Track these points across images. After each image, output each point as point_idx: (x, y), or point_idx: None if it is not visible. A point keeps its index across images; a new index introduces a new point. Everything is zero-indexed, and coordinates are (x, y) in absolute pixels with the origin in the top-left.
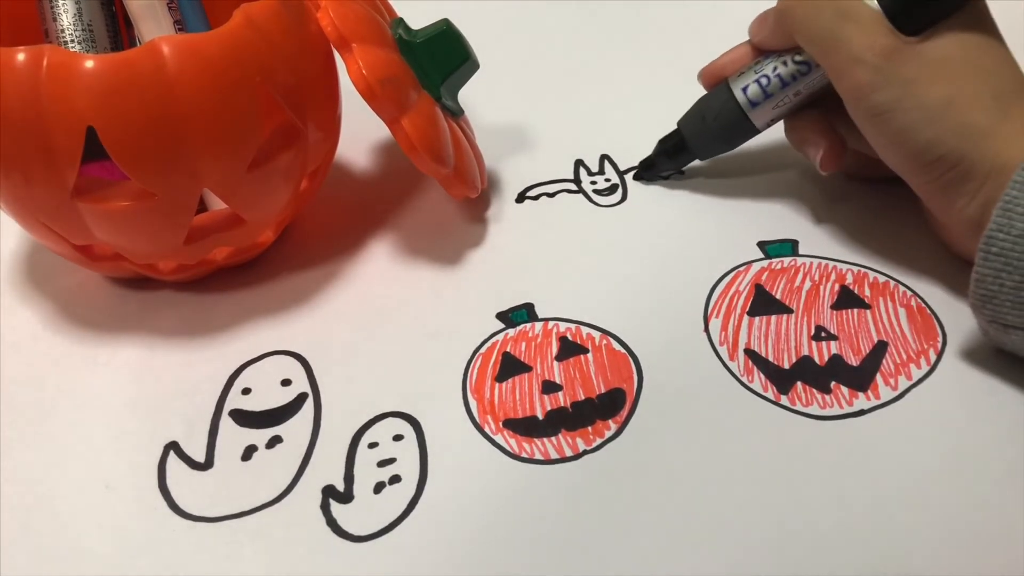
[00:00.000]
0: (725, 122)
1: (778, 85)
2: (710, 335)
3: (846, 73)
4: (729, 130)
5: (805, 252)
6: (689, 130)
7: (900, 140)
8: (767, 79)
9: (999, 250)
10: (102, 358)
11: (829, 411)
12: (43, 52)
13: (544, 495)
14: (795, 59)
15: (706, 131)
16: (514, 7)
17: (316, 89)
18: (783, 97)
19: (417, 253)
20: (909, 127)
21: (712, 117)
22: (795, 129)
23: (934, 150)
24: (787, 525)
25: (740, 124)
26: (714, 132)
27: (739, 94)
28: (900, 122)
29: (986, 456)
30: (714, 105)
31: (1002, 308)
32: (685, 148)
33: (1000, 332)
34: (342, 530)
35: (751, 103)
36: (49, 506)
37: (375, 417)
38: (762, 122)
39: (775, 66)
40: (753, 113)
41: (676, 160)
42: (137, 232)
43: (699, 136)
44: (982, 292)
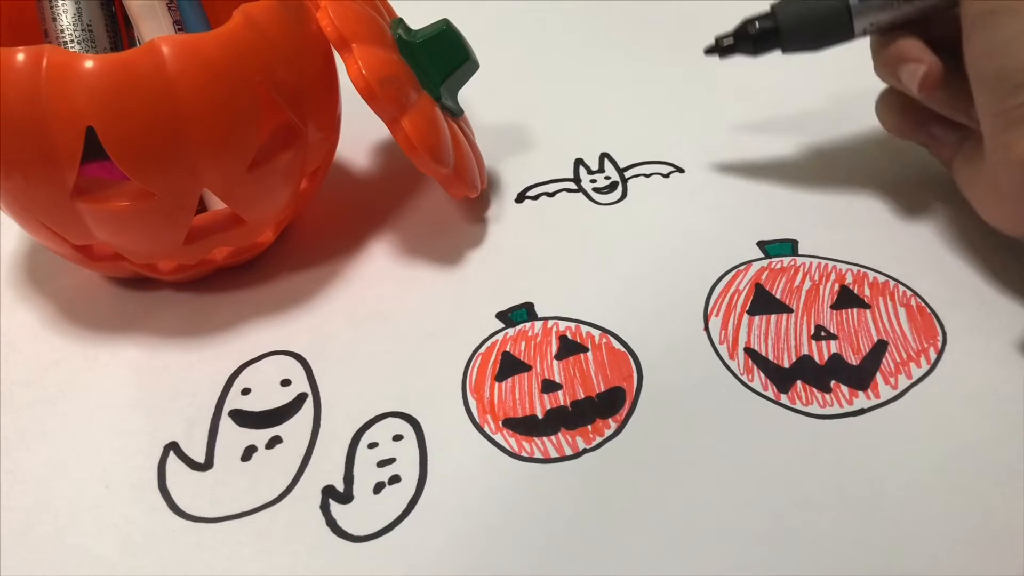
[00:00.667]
0: (826, 11)
1: None
2: (710, 334)
3: None
4: (827, 22)
5: (805, 252)
6: (785, 11)
7: (1001, 51)
8: None
9: None
10: (102, 358)
11: (829, 410)
12: (43, 52)
13: (544, 494)
14: None
15: (803, 17)
16: (514, 7)
17: (316, 89)
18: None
19: (417, 253)
20: (1014, 40)
21: (814, 1)
22: (891, 45)
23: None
24: (787, 524)
25: (840, 19)
26: (813, 17)
27: None
28: (1008, 31)
29: (986, 456)
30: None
31: None
32: (773, 32)
33: None
34: (342, 530)
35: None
36: (49, 506)
37: (375, 417)
38: (863, 24)
39: None
40: (859, 9)
41: (759, 43)
42: (137, 232)
43: (796, 18)
44: None
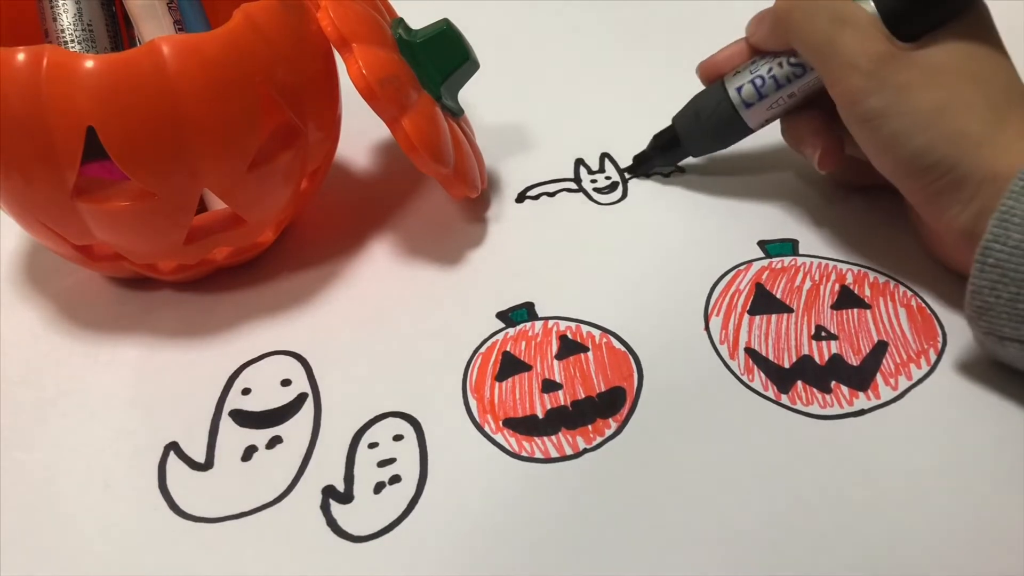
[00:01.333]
0: (719, 121)
1: (773, 86)
2: (710, 334)
3: (840, 78)
4: (723, 129)
5: (805, 252)
6: (683, 127)
7: (892, 146)
8: (762, 80)
9: (995, 261)
10: (102, 358)
11: (829, 411)
12: (43, 52)
13: (544, 494)
14: (790, 61)
15: (700, 128)
16: (514, 7)
17: (316, 89)
18: (777, 98)
19: (417, 253)
20: (901, 133)
21: (706, 115)
22: (792, 129)
23: (926, 157)
24: (787, 524)
25: (734, 123)
26: (708, 130)
27: (733, 94)
28: (892, 127)
29: (985, 456)
30: (708, 103)
31: (998, 320)
32: (678, 144)
33: (996, 344)
34: (342, 530)
35: (745, 103)
36: (49, 506)
37: (375, 417)
38: (756, 122)
39: (770, 67)
40: (747, 113)
41: (669, 156)
42: (137, 232)
43: (693, 133)
44: (978, 304)
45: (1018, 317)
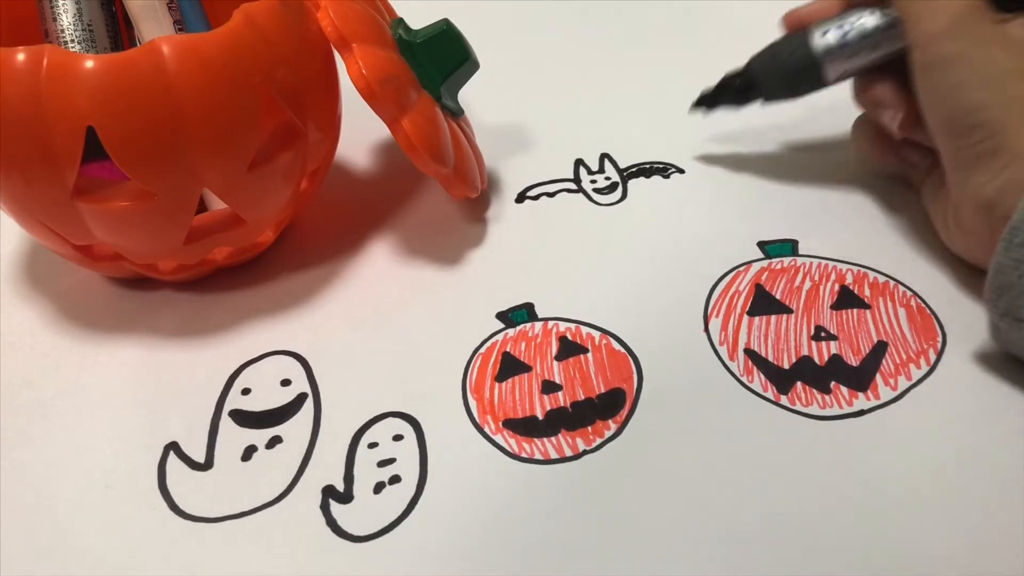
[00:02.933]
0: (796, 65)
1: (858, 36)
2: (710, 335)
3: (922, 20)
4: (798, 72)
5: (805, 252)
6: (759, 67)
7: (950, 95)
8: (849, 26)
9: (1022, 241)
10: (102, 358)
11: (829, 411)
12: (43, 52)
13: (544, 495)
14: (882, 12)
15: (776, 69)
16: (514, 7)
17: (316, 89)
18: (860, 48)
19: (417, 253)
20: (964, 84)
21: (786, 55)
22: (870, 88)
23: (979, 114)
24: (787, 525)
25: (811, 72)
26: (783, 73)
27: (817, 37)
28: (957, 76)
29: (986, 456)
30: (789, 47)
31: (1018, 301)
32: (751, 87)
33: (1012, 327)
34: (342, 530)
35: (827, 51)
36: (49, 506)
37: (375, 417)
38: (834, 75)
39: (859, 16)
40: (827, 60)
41: (739, 97)
42: (137, 232)
43: (768, 72)
44: (1000, 283)
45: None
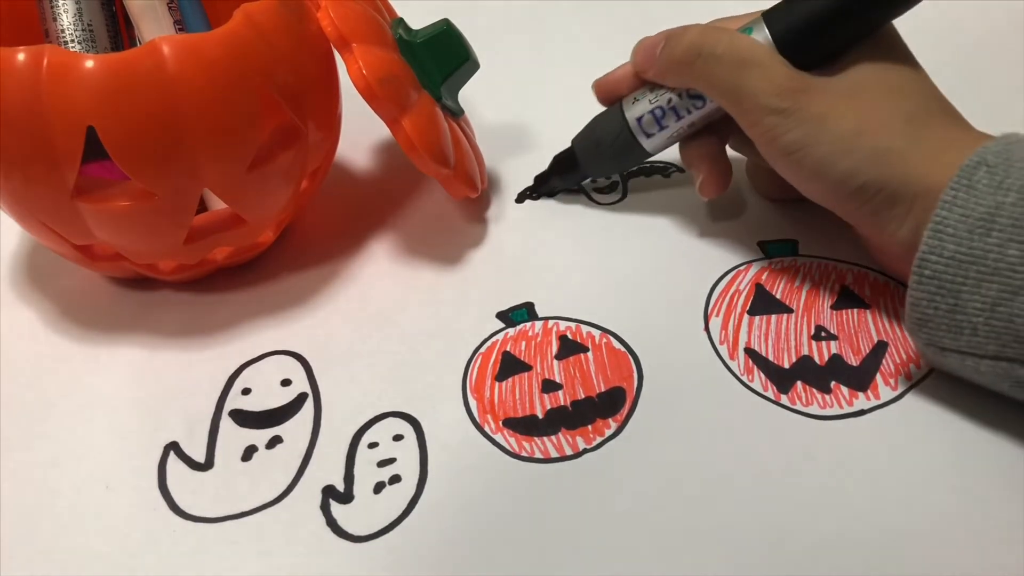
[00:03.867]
0: (619, 148)
1: (673, 116)
2: (710, 334)
3: (755, 120)
4: (623, 155)
5: (805, 252)
6: (583, 152)
7: (818, 174)
8: (661, 111)
9: (932, 273)
10: (102, 358)
11: (829, 411)
12: (43, 52)
13: (544, 494)
14: (690, 93)
15: (600, 154)
16: (514, 7)
17: (316, 89)
18: (678, 127)
19: (417, 253)
20: (824, 160)
21: (607, 143)
22: (686, 151)
23: (854, 179)
24: (787, 525)
25: (633, 150)
26: (608, 156)
27: (633, 123)
28: (814, 157)
29: (985, 456)
30: (608, 130)
31: (938, 331)
32: (578, 167)
33: (937, 355)
34: (342, 530)
35: (645, 133)
36: (49, 506)
37: (375, 417)
38: (655, 148)
39: (670, 98)
40: (646, 141)
41: (570, 178)
42: (137, 232)
43: (593, 158)
44: (917, 316)
45: (956, 328)
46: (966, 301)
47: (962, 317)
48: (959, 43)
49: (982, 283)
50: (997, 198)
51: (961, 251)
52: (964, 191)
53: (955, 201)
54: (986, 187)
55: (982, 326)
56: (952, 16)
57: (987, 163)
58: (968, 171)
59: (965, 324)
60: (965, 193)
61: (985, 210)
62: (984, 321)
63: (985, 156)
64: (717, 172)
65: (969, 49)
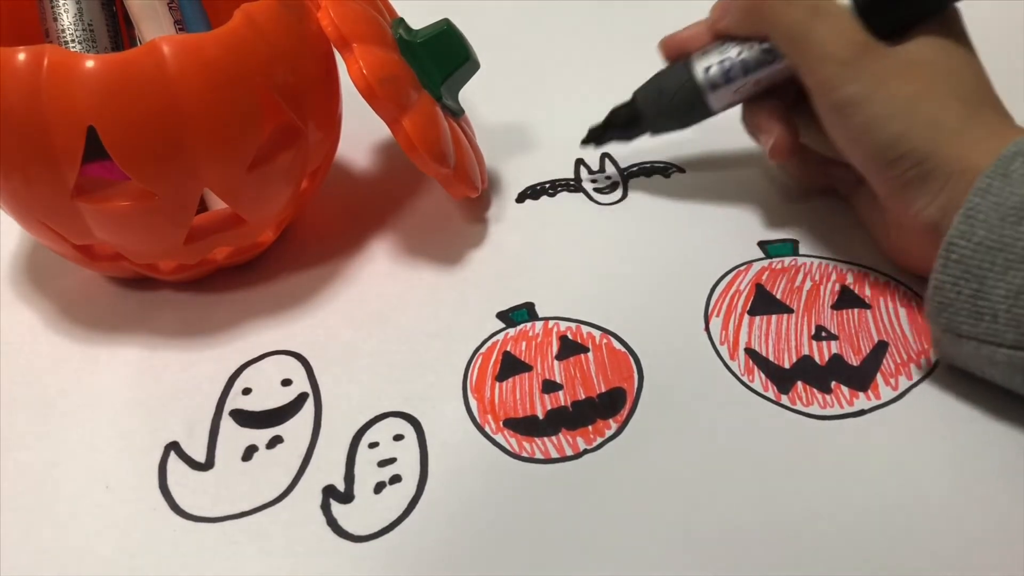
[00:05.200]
0: (682, 101)
1: (740, 71)
2: (711, 334)
3: (816, 67)
4: (685, 110)
5: (805, 252)
6: (645, 103)
7: (865, 134)
8: (730, 63)
9: (959, 257)
10: (102, 358)
11: (829, 411)
12: (43, 52)
13: (544, 495)
14: (762, 47)
15: (662, 107)
16: (514, 7)
17: (316, 89)
18: (744, 83)
19: (417, 253)
20: (877, 120)
21: (670, 94)
22: (751, 115)
23: (900, 145)
24: (787, 525)
25: (697, 105)
26: (670, 109)
27: (700, 75)
28: (868, 114)
29: (986, 456)
30: (673, 82)
31: (958, 316)
32: (638, 121)
33: (953, 342)
34: (342, 530)
35: (711, 85)
36: (49, 506)
37: (375, 417)
38: (719, 106)
39: (740, 51)
40: (712, 96)
41: (627, 131)
42: (137, 232)
43: (654, 110)
44: (939, 300)
45: (977, 314)
46: (991, 288)
47: (984, 304)
48: None
49: (1009, 270)
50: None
51: (991, 238)
52: (999, 179)
53: (989, 188)
54: (1021, 177)
55: (1003, 314)
56: None
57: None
58: (1006, 160)
59: (987, 310)
60: (1000, 181)
61: (1018, 199)
62: (1007, 309)
63: (1023, 147)
64: (788, 133)
65: None
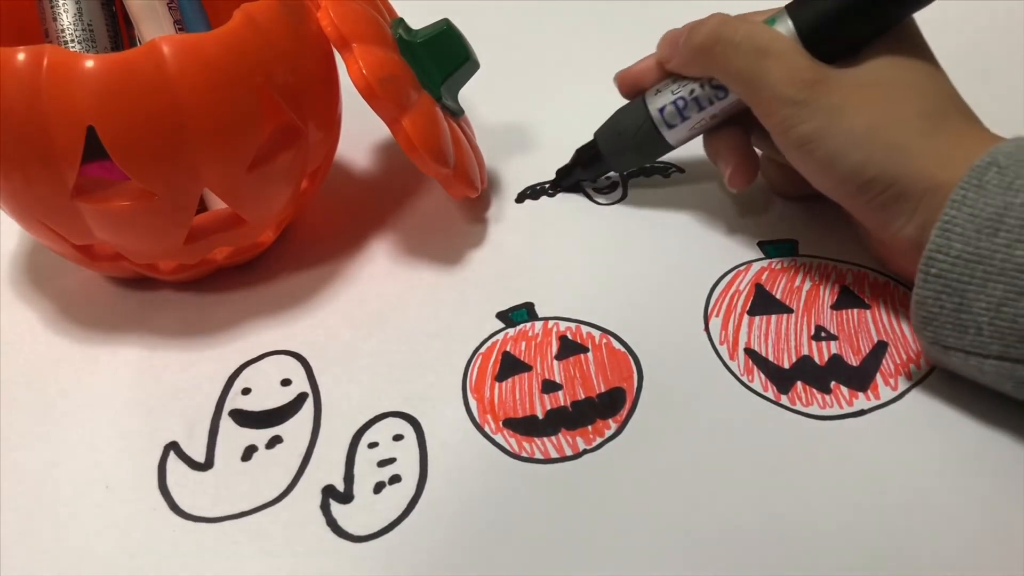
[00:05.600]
0: (642, 139)
1: (695, 107)
2: (710, 334)
3: (770, 110)
4: (646, 146)
5: (805, 252)
6: (606, 144)
7: (829, 166)
8: (684, 101)
9: (938, 271)
10: (102, 358)
11: (829, 411)
12: (43, 52)
13: (544, 495)
14: (712, 84)
15: (622, 146)
16: (514, 7)
17: (316, 89)
18: (700, 118)
19: (417, 253)
20: (836, 152)
21: (630, 134)
22: (711, 143)
23: (864, 173)
24: (787, 525)
25: (657, 142)
26: (630, 147)
27: (655, 114)
28: (827, 149)
29: (986, 456)
30: (631, 121)
31: (942, 330)
32: (601, 159)
33: (941, 353)
34: (342, 530)
35: (667, 124)
36: (49, 506)
37: (375, 417)
38: (677, 140)
39: (692, 89)
40: (669, 133)
41: (592, 170)
42: (137, 232)
43: (616, 150)
44: (923, 314)
45: (961, 327)
46: (972, 300)
47: (967, 316)
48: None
49: (988, 283)
50: (1007, 198)
51: (968, 250)
52: (974, 191)
53: (964, 200)
54: (996, 187)
55: (987, 326)
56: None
57: (998, 164)
58: (979, 171)
59: (970, 323)
60: (975, 193)
61: (994, 210)
62: (989, 321)
63: (996, 156)
64: (745, 162)
65: (968, 48)
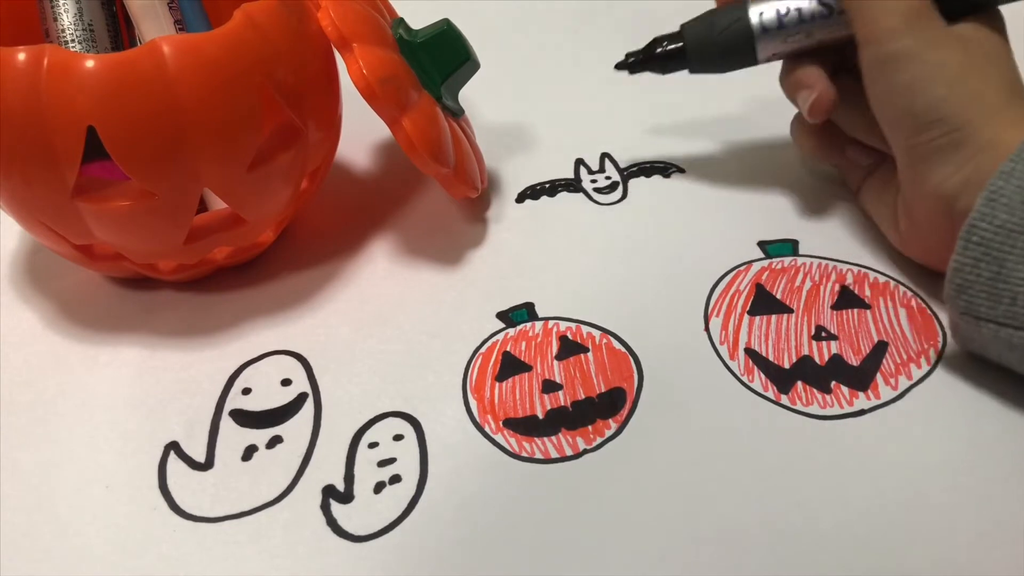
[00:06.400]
0: (730, 39)
1: (795, 19)
2: (710, 334)
3: (872, 19)
4: (731, 49)
5: (805, 252)
6: (692, 35)
7: (908, 92)
8: (787, 9)
9: (979, 239)
10: (102, 358)
11: (829, 411)
12: (43, 52)
13: (544, 495)
14: (819, 1)
15: (708, 41)
16: (514, 7)
17: (316, 89)
18: (795, 33)
19: (417, 253)
20: (921, 79)
21: (719, 29)
22: (793, 71)
23: (939, 108)
24: (787, 525)
25: (743, 48)
26: (716, 45)
27: (754, 15)
28: (913, 73)
29: (986, 456)
30: (725, 18)
31: (976, 299)
32: (680, 54)
33: (971, 325)
34: (342, 530)
35: (763, 29)
36: (49, 506)
37: (375, 417)
38: (765, 54)
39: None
40: (761, 40)
41: (665, 63)
42: (137, 232)
43: (700, 44)
44: (959, 281)
45: (996, 296)
46: (1010, 270)
47: (1004, 286)
48: None
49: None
50: None
51: (1012, 221)
52: (1023, 164)
53: (1013, 172)
54: None
55: (1022, 296)
56: None
57: None
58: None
59: (1005, 293)
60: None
61: None
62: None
63: None
64: (827, 90)
65: None
